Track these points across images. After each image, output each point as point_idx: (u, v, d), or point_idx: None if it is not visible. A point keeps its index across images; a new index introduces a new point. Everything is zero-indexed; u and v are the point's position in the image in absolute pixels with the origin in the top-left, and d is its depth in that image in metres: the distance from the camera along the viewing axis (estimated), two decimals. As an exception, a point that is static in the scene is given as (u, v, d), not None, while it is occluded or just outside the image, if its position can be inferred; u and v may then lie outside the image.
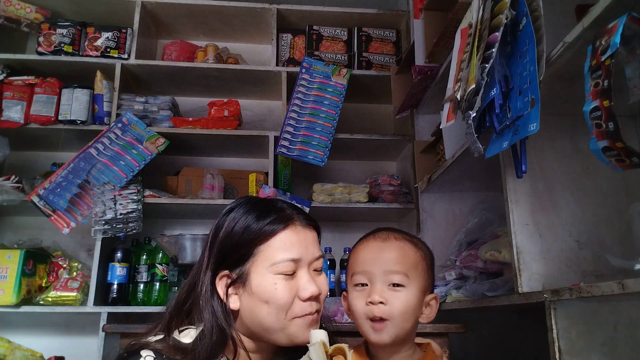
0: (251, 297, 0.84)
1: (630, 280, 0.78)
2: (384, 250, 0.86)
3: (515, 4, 1.07)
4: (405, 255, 0.85)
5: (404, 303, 0.82)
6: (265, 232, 0.85)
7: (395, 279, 0.83)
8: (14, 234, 2.33)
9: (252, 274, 0.84)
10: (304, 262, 0.87)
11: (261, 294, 0.83)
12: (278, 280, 0.84)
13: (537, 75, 0.98)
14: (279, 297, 0.83)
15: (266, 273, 0.84)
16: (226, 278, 0.86)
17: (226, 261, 0.86)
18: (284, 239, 0.85)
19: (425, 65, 1.89)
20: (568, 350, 0.97)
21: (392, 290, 0.83)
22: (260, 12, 2.50)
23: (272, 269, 0.84)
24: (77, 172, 2.11)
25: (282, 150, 2.21)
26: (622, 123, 0.75)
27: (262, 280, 0.84)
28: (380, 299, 0.82)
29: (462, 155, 1.54)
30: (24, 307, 1.97)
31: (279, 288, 0.83)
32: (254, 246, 0.85)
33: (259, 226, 0.85)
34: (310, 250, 0.88)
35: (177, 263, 1.56)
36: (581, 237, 1.19)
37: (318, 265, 0.89)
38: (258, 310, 0.84)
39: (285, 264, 0.84)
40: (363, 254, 0.88)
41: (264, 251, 0.85)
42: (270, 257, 0.84)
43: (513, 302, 1.19)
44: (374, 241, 0.88)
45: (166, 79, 2.45)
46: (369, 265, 0.85)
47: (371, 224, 2.51)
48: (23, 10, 2.36)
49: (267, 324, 0.84)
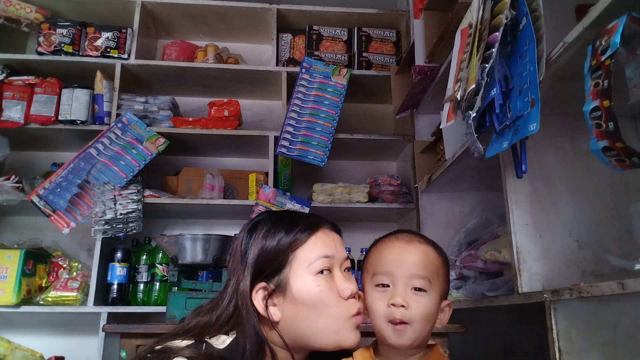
0: (293, 304, 0.83)
1: (630, 280, 0.78)
2: (408, 252, 0.84)
3: (515, 4, 1.07)
4: (429, 260, 0.84)
5: (424, 308, 0.81)
6: (298, 238, 0.86)
7: (418, 284, 0.81)
8: (14, 234, 2.33)
9: (291, 280, 0.84)
10: (337, 260, 0.88)
11: (305, 298, 0.83)
12: (320, 281, 0.84)
13: (537, 75, 0.98)
14: (327, 298, 0.83)
15: (305, 275, 0.84)
16: (262, 290, 0.84)
17: (262, 274, 0.85)
18: (316, 240, 0.87)
19: (425, 65, 1.89)
20: (568, 350, 0.97)
21: (414, 295, 0.81)
22: (260, 12, 2.50)
23: (310, 269, 0.84)
24: (77, 172, 2.11)
25: (282, 150, 2.21)
26: (622, 123, 0.76)
27: (303, 284, 0.83)
28: (403, 302, 0.80)
29: (462, 155, 1.54)
30: (24, 307, 1.97)
31: (323, 289, 0.83)
32: (289, 253, 0.85)
33: (291, 234, 0.86)
34: (339, 250, 0.89)
35: (177, 263, 1.56)
36: (581, 237, 1.20)
37: (347, 265, 0.91)
38: (305, 316, 0.83)
39: (321, 261, 0.85)
40: (386, 255, 0.86)
41: (299, 255, 0.85)
42: (306, 258, 0.85)
43: (513, 302, 1.19)
44: (398, 242, 0.87)
45: (166, 79, 2.45)
46: (393, 267, 0.83)
47: (371, 224, 2.55)
48: (23, 10, 2.36)
49: (319, 328, 0.83)
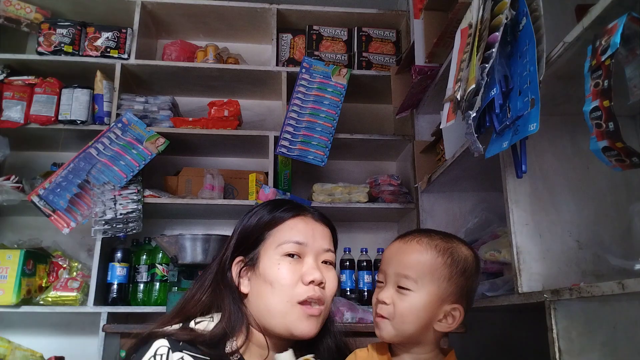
0: (258, 279, 0.88)
1: (630, 280, 0.78)
2: (400, 252, 0.86)
3: (515, 4, 1.07)
4: (420, 260, 0.84)
5: (406, 306, 0.82)
6: (276, 218, 0.91)
7: (401, 282, 0.83)
8: (14, 234, 2.33)
9: (261, 257, 0.89)
10: (311, 249, 0.90)
11: (267, 274, 0.87)
12: (282, 261, 0.88)
13: (537, 75, 0.98)
14: (281, 277, 0.86)
15: (273, 255, 0.88)
16: (240, 263, 0.91)
17: (241, 247, 0.92)
18: (291, 225, 0.91)
19: (425, 65, 1.89)
20: (568, 350, 0.97)
21: (398, 293, 0.83)
22: (260, 12, 2.50)
23: (278, 250, 0.88)
24: (77, 172, 2.11)
25: (282, 150, 2.21)
26: (622, 123, 0.75)
27: (268, 261, 0.88)
28: (384, 299, 0.83)
29: (462, 155, 1.53)
30: (24, 307, 1.97)
31: (282, 269, 0.87)
32: (265, 231, 0.91)
33: (271, 214, 0.92)
34: (317, 240, 0.91)
35: (177, 263, 1.56)
36: (581, 237, 1.19)
37: (327, 257, 0.92)
38: (264, 292, 0.87)
39: (290, 245, 0.88)
40: (386, 253, 0.90)
41: (273, 235, 0.90)
42: (278, 239, 0.89)
43: (513, 302, 1.19)
44: (398, 242, 0.89)
45: (166, 79, 2.45)
46: (385, 265, 0.87)
47: (371, 224, 2.55)
48: (23, 10, 2.36)
49: (271, 307, 0.86)
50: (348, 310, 1.74)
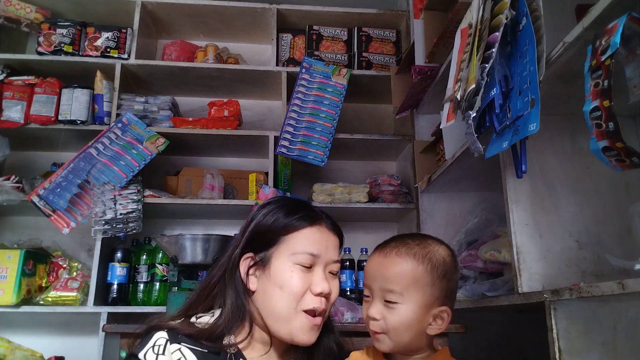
0: (268, 280, 0.90)
1: (630, 280, 0.78)
2: (382, 267, 0.87)
3: (515, 4, 1.07)
4: (402, 273, 0.84)
5: (397, 319, 0.83)
6: (292, 224, 0.92)
7: (388, 297, 0.84)
8: (14, 234, 2.33)
9: (274, 259, 0.90)
10: (322, 260, 0.91)
11: (278, 278, 0.89)
12: (295, 269, 0.89)
13: (537, 75, 0.98)
14: (293, 284, 0.88)
15: (286, 261, 0.90)
16: (250, 260, 0.92)
17: (252, 245, 0.93)
18: (308, 235, 0.92)
19: (425, 65, 1.89)
20: (568, 350, 0.97)
21: (387, 307, 0.84)
22: (260, 12, 2.50)
23: (292, 258, 0.90)
24: (77, 172, 2.11)
25: (282, 150, 2.21)
26: (622, 123, 0.76)
27: (281, 266, 0.90)
28: (375, 315, 0.84)
29: (462, 155, 1.53)
30: (24, 307, 1.97)
31: (295, 276, 0.89)
32: (280, 235, 0.92)
33: (288, 219, 0.93)
34: (329, 252, 0.93)
35: (177, 263, 1.56)
36: (581, 237, 1.19)
37: (334, 268, 0.94)
38: (272, 294, 0.89)
39: (304, 256, 0.90)
40: (368, 267, 0.90)
41: (288, 241, 0.91)
42: (293, 247, 0.90)
43: (513, 302, 1.19)
44: (377, 256, 0.89)
45: (166, 79, 2.45)
46: (369, 280, 0.88)
47: (371, 224, 2.55)
48: (23, 10, 2.36)
49: (277, 310, 0.88)
50: (348, 310, 1.74)
